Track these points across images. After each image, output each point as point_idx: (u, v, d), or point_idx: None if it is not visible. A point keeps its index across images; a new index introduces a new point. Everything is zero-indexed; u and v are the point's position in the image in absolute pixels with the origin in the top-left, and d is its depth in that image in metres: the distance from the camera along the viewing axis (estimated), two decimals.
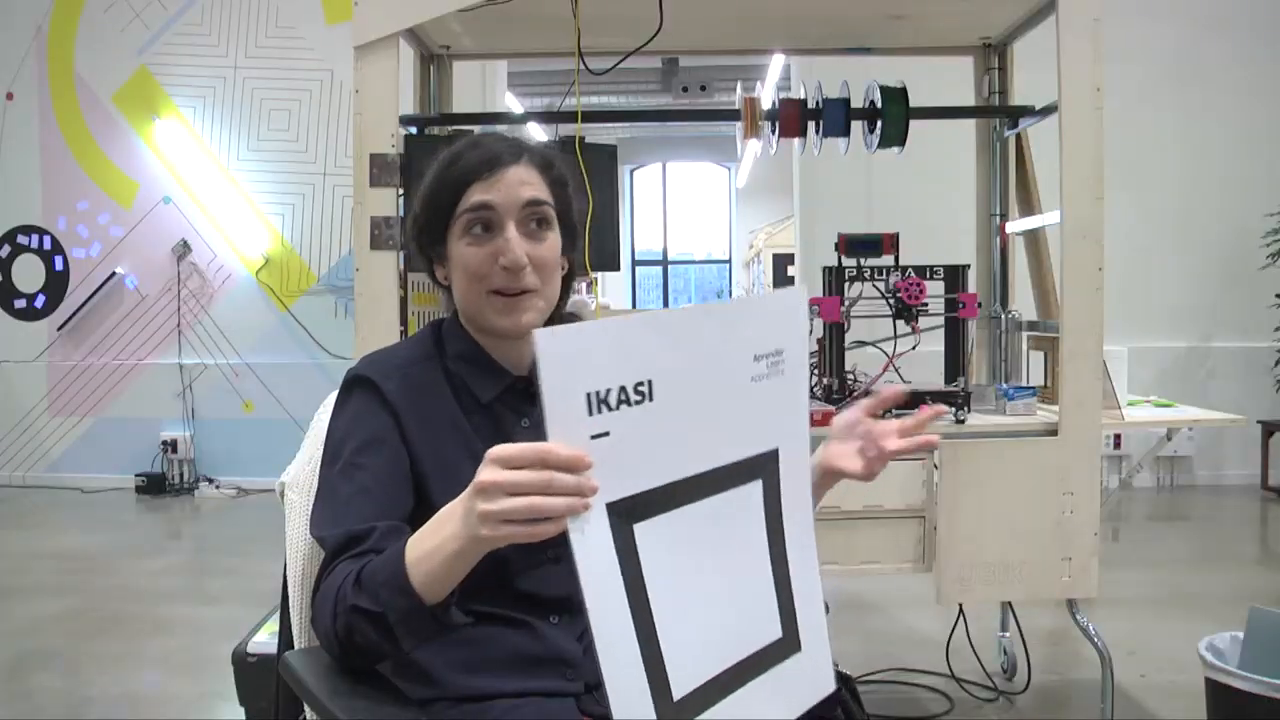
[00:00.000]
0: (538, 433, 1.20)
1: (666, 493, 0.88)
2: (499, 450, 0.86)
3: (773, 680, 0.98)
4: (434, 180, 1.21)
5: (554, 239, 1.21)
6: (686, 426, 0.89)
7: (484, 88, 5.57)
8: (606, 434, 0.83)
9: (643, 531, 0.86)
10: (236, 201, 6.11)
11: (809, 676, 1.02)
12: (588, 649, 1.19)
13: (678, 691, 0.88)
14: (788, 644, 1.00)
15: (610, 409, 0.83)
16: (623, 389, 0.83)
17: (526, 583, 1.17)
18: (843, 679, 1.26)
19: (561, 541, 1.18)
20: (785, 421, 0.98)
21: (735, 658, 0.95)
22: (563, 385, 0.81)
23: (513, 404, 1.23)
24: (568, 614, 1.19)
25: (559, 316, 1.29)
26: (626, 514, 0.85)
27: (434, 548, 0.96)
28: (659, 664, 0.87)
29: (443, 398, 1.20)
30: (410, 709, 1.01)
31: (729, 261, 14.64)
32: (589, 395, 0.82)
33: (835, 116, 2.63)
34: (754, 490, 0.96)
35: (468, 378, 1.22)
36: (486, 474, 0.86)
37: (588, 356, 0.82)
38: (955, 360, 2.44)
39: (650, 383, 0.85)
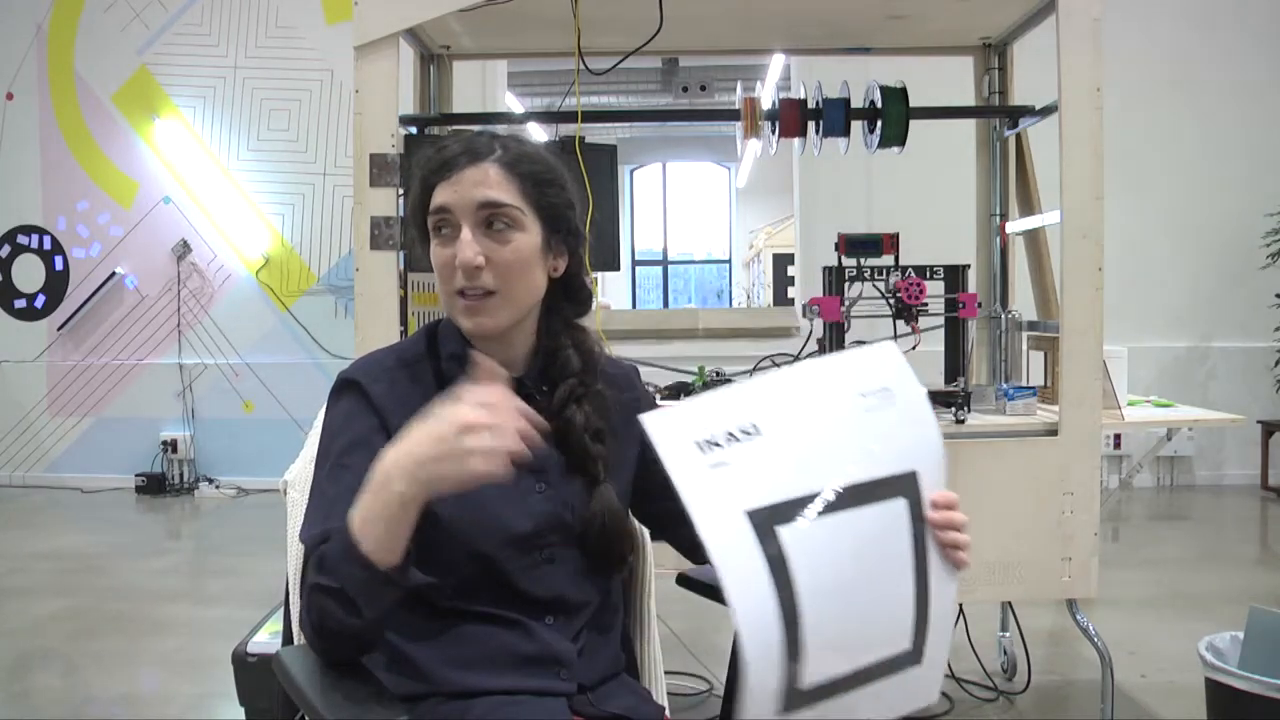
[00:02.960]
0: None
1: (805, 503, 0.97)
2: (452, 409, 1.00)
3: (885, 687, 1.02)
4: (414, 181, 1.22)
5: (521, 240, 1.17)
6: (804, 450, 1.00)
7: (484, 88, 5.56)
8: (725, 464, 0.95)
9: (788, 533, 0.95)
10: (236, 201, 6.11)
11: (916, 687, 1.05)
12: (582, 650, 1.19)
13: (807, 682, 0.95)
14: (913, 656, 1.03)
15: (720, 446, 0.96)
16: (728, 432, 0.97)
17: (521, 583, 1.17)
18: None
19: (556, 542, 1.19)
20: (916, 447, 1.06)
21: (864, 662, 1.00)
22: (672, 441, 0.95)
23: None
24: (562, 614, 1.19)
25: (560, 326, 1.26)
26: (769, 518, 0.95)
27: (376, 509, 1.01)
28: (798, 656, 0.94)
29: (432, 399, 1.19)
30: (396, 707, 1.01)
31: (729, 261, 14.65)
32: (697, 443, 0.96)
33: (835, 116, 2.63)
34: (900, 507, 1.03)
35: (459, 379, 1.22)
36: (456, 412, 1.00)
37: (689, 420, 0.97)
38: (955, 360, 2.44)
39: (754, 424, 0.98)
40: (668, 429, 0.96)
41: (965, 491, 1.09)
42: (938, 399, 2.29)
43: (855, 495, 0.99)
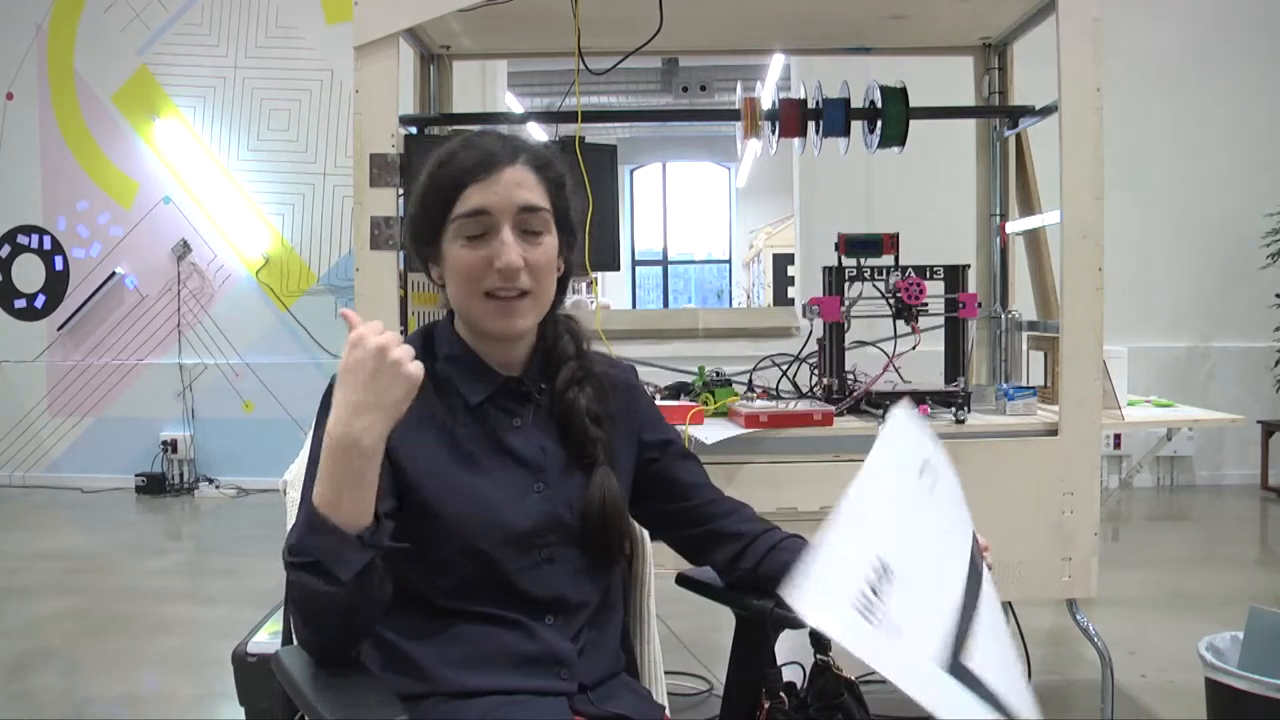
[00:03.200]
0: (530, 432, 1.22)
1: (964, 623, 0.98)
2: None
3: None
4: (428, 180, 1.20)
5: (549, 242, 1.20)
6: (927, 564, 1.00)
7: (484, 88, 5.56)
8: (899, 629, 0.91)
9: (971, 657, 0.95)
10: (236, 201, 6.11)
11: None
12: (582, 650, 1.19)
13: None
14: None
15: (876, 600, 0.91)
16: (869, 582, 0.91)
17: (521, 583, 1.17)
18: (846, 684, 1.26)
19: (555, 542, 1.20)
20: (963, 504, 1.10)
21: None
22: (841, 621, 0.87)
23: (504, 404, 1.23)
24: (562, 614, 1.19)
25: (555, 319, 1.28)
26: (954, 655, 0.94)
27: (336, 475, 1.02)
28: None
29: (427, 400, 1.18)
30: (395, 707, 1.01)
31: (729, 261, 14.65)
32: (856, 608, 0.89)
33: (835, 116, 2.63)
34: (987, 573, 1.08)
35: (456, 380, 1.22)
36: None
37: (829, 580, 0.90)
38: (955, 360, 2.44)
39: (880, 559, 0.93)
40: (826, 607, 0.89)
41: (965, 492, 1.10)
42: (938, 399, 2.29)
43: (972, 585, 1.03)
